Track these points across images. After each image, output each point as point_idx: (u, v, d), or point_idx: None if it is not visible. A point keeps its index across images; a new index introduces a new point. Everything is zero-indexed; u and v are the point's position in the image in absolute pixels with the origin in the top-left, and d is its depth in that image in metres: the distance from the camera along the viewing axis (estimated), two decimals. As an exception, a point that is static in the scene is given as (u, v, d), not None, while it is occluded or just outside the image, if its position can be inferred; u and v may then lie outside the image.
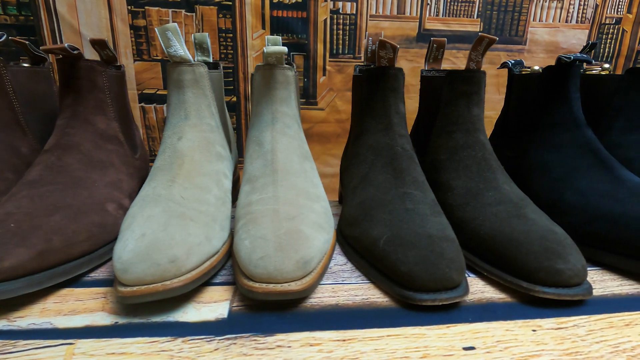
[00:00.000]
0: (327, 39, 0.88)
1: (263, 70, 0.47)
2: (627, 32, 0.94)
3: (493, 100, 0.90)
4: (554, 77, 0.50)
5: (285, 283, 0.32)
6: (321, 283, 0.37)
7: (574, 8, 0.91)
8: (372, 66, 0.52)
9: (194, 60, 0.46)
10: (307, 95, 0.89)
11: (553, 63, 0.51)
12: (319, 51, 0.88)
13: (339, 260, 0.42)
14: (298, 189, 0.42)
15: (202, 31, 0.84)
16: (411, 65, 0.92)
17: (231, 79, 0.86)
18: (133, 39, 0.80)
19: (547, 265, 0.33)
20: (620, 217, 0.39)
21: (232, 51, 0.86)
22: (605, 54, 0.94)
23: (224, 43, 0.85)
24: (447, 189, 0.46)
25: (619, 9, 0.92)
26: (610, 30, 0.93)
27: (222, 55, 0.85)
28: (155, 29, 0.45)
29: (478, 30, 0.90)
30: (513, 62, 0.60)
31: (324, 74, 0.90)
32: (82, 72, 0.46)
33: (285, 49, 0.45)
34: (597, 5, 0.91)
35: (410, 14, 0.88)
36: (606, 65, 0.58)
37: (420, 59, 0.91)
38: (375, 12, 0.88)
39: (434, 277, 0.32)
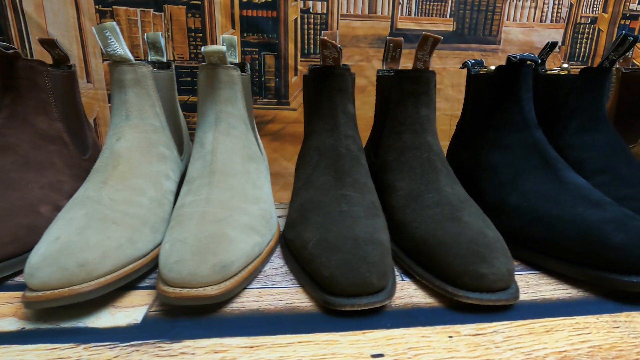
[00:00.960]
0: (298, 39, 0.87)
1: (206, 69, 0.46)
2: (602, 31, 0.93)
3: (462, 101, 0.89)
4: (505, 77, 0.49)
5: (200, 288, 0.31)
6: (249, 287, 0.36)
7: (548, 7, 0.90)
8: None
9: (149, 59, 0.45)
10: (279, 96, 0.89)
11: None
12: (290, 51, 0.87)
13: (276, 263, 0.42)
14: (234, 190, 0.41)
15: (172, 31, 0.83)
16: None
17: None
18: (99, 39, 0.80)
19: (471, 270, 0.32)
20: (557, 220, 0.38)
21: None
22: (582, 54, 0.93)
23: (194, 43, 0.85)
24: (392, 190, 0.45)
25: (594, 9, 0.91)
26: (586, 30, 0.92)
27: (192, 55, 0.85)
28: (92, 28, 0.44)
29: (452, 29, 0.90)
30: (473, 61, 0.59)
31: (296, 74, 0.89)
32: (21, 72, 0.45)
33: (223, 48, 0.44)
34: (571, 5, 0.90)
35: (381, 13, 0.87)
36: (565, 65, 0.57)
37: (393, 59, 0.90)
38: (347, 12, 0.87)
39: (354, 282, 0.31)
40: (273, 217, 0.44)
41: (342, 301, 0.31)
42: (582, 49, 0.93)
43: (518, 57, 0.47)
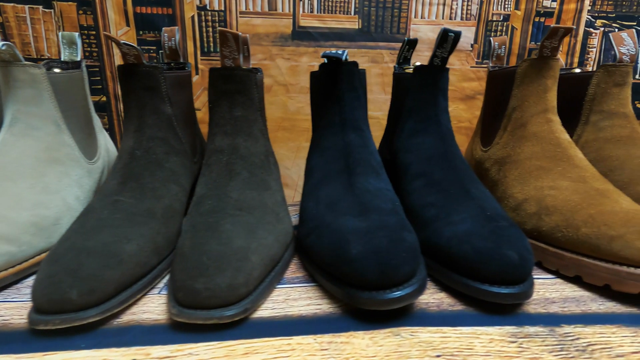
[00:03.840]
0: (196, 37, 0.84)
1: (0, 68, 0.44)
2: (517, 29, 0.90)
3: (379, 101, 0.87)
4: (327, 77, 0.47)
5: None
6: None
7: (457, 4, 0.87)
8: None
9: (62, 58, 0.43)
10: (179, 95, 0.86)
11: None
12: (190, 49, 0.85)
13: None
14: (5, 195, 0.38)
15: (63, 29, 0.81)
16: (289, 64, 0.89)
17: (99, 77, 0.83)
18: (-16, 37, 0.78)
19: (188, 284, 0.30)
20: (325, 229, 0.36)
21: (97, 49, 0.83)
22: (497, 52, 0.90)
23: (87, 41, 0.82)
24: (194, 195, 0.43)
25: (506, 6, 0.88)
26: (499, 27, 0.89)
27: (87, 54, 0.82)
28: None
29: (357, 27, 0.87)
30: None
31: (197, 73, 0.86)
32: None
33: (9, 44, 0.42)
34: (482, 2, 0.87)
35: (282, 10, 0.85)
36: (418, 64, 0.54)
37: (298, 57, 0.88)
38: (245, 9, 0.84)
39: (52, 300, 0.29)
40: (60, 224, 0.42)
41: (39, 318, 0.29)
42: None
43: (328, 54, 0.44)
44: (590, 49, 0.91)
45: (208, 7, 0.83)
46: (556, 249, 0.39)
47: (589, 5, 0.89)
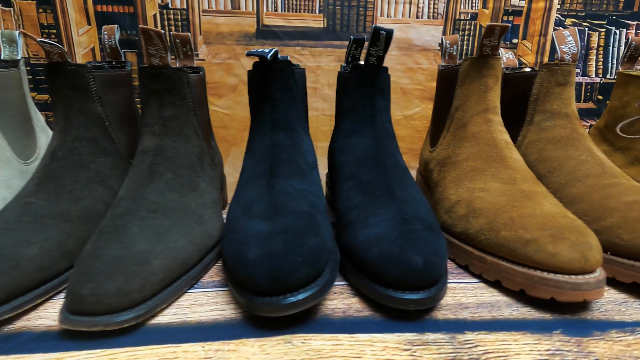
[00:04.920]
0: (159, 36, 0.83)
1: None
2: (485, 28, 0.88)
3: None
4: (259, 76, 0.45)
5: None
6: None
7: (424, 3, 0.86)
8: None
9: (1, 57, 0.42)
10: (142, 95, 0.85)
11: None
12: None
13: None
14: None
15: (23, 27, 0.80)
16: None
17: (61, 77, 0.82)
18: None
19: (75, 290, 0.29)
20: (232, 232, 0.35)
21: (58, 48, 0.82)
22: (464, 51, 0.89)
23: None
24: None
25: (474, 4, 0.87)
26: (467, 26, 0.88)
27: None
28: None
29: (322, 25, 0.86)
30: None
31: (160, 72, 0.85)
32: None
33: None
34: (449, 0, 0.86)
35: (246, 9, 0.84)
36: (362, 62, 0.53)
37: (262, 57, 0.87)
38: (208, 7, 0.83)
39: None
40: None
41: None
42: (464, 46, 0.89)
43: (253, 52, 0.43)
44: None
45: (170, 6, 0.82)
46: (480, 252, 0.38)
47: (558, 4, 0.88)
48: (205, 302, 0.34)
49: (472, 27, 0.89)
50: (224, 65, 0.86)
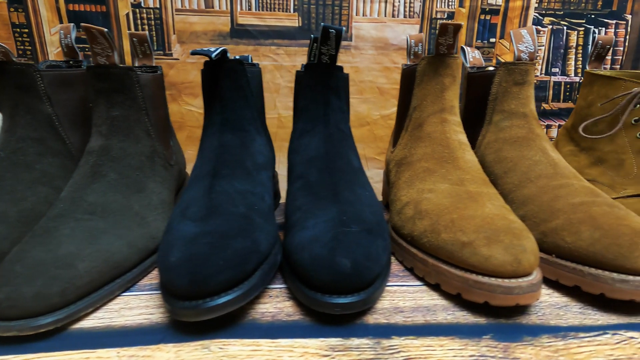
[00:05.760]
0: (132, 35, 0.82)
1: None
2: (462, 27, 0.88)
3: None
4: (210, 75, 0.45)
5: None
6: None
7: (399, 2, 0.85)
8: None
9: None
10: (115, 94, 0.85)
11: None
12: (126, 47, 0.83)
13: None
14: None
15: (-5, 26, 0.79)
16: (228, 63, 0.87)
17: (34, 76, 0.82)
18: None
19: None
20: (166, 234, 0.34)
21: (30, 47, 0.81)
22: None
23: (20, 39, 0.81)
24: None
25: (450, 3, 0.86)
26: (444, 25, 0.87)
27: (20, 52, 0.81)
28: None
29: (297, 24, 0.85)
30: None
31: (134, 72, 0.85)
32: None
33: None
34: (424, -1, 0.85)
35: (219, 7, 0.83)
36: (296, 62, 0.53)
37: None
38: (182, 6, 0.83)
39: None
40: None
41: None
42: (431, 46, 0.88)
43: (198, 51, 0.42)
44: (538, 47, 0.89)
45: (143, 5, 0.81)
46: (423, 254, 0.37)
47: (536, 3, 0.87)
48: (135, 306, 0.33)
49: (449, 26, 0.88)
50: (198, 64, 0.85)
